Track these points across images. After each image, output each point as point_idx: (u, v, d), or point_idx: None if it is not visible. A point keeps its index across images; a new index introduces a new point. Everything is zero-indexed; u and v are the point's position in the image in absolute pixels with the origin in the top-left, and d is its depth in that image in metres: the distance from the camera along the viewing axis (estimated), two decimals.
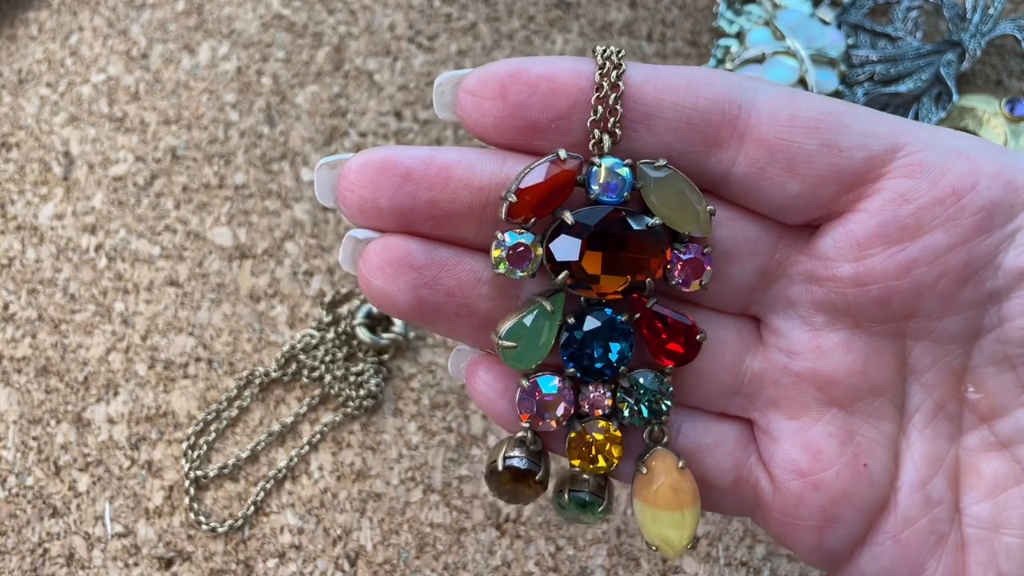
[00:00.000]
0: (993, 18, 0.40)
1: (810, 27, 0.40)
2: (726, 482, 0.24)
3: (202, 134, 0.40)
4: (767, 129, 0.22)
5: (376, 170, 0.22)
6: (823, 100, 0.22)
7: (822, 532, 0.24)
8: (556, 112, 0.22)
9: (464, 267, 0.23)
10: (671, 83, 0.22)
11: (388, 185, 0.22)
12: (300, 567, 0.33)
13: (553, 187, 0.22)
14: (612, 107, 0.22)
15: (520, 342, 0.23)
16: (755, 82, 0.22)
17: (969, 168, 0.22)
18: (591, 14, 0.43)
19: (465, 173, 0.22)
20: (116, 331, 0.37)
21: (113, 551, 0.33)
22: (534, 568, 0.34)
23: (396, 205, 0.22)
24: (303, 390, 0.36)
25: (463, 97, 0.22)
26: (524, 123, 0.22)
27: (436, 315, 0.23)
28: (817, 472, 0.23)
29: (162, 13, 0.42)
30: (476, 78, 0.22)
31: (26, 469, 0.34)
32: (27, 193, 0.39)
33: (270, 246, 0.38)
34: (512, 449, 0.24)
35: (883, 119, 0.23)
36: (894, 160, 0.22)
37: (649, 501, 0.24)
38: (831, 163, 0.22)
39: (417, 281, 0.22)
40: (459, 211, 0.22)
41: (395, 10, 0.43)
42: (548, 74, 0.22)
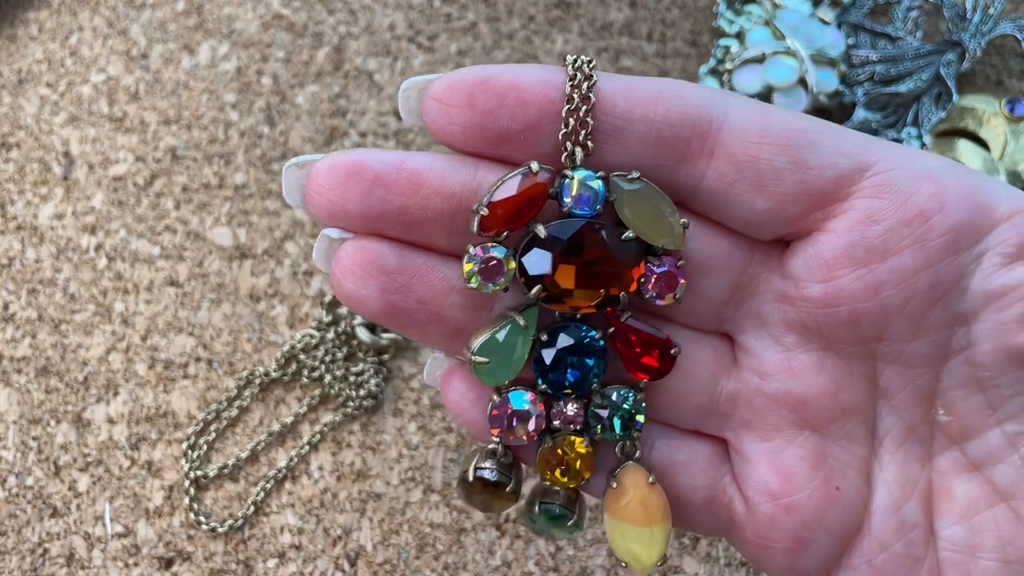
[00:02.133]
0: (993, 18, 0.40)
1: (810, 27, 0.40)
2: (699, 500, 0.24)
3: (202, 134, 0.40)
4: (736, 145, 0.22)
5: (345, 173, 0.22)
6: (794, 117, 0.22)
7: (795, 554, 0.23)
8: (525, 123, 0.21)
9: (437, 275, 0.22)
10: (642, 96, 0.22)
11: (357, 189, 0.22)
12: (300, 567, 0.33)
13: (525, 200, 0.21)
14: (583, 119, 0.21)
15: (493, 358, 0.22)
16: (726, 96, 0.22)
17: (936, 189, 0.22)
18: (591, 14, 0.43)
19: (436, 180, 0.22)
20: (116, 331, 0.37)
21: (113, 551, 0.33)
22: (534, 568, 0.34)
23: (365, 210, 0.22)
24: (303, 390, 0.36)
25: (429, 104, 0.22)
26: (493, 133, 0.21)
27: (407, 320, 0.23)
28: (789, 495, 0.23)
29: (162, 13, 0.42)
30: (443, 85, 0.21)
31: (26, 469, 0.34)
32: (27, 193, 0.39)
33: (270, 246, 0.38)
34: (483, 460, 0.23)
35: (853, 137, 0.22)
36: (862, 179, 0.22)
37: (619, 516, 0.23)
38: (799, 180, 0.22)
39: (388, 286, 0.22)
40: (430, 217, 0.22)
41: (395, 10, 0.43)
42: (517, 84, 0.21)
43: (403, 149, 0.40)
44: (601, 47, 0.42)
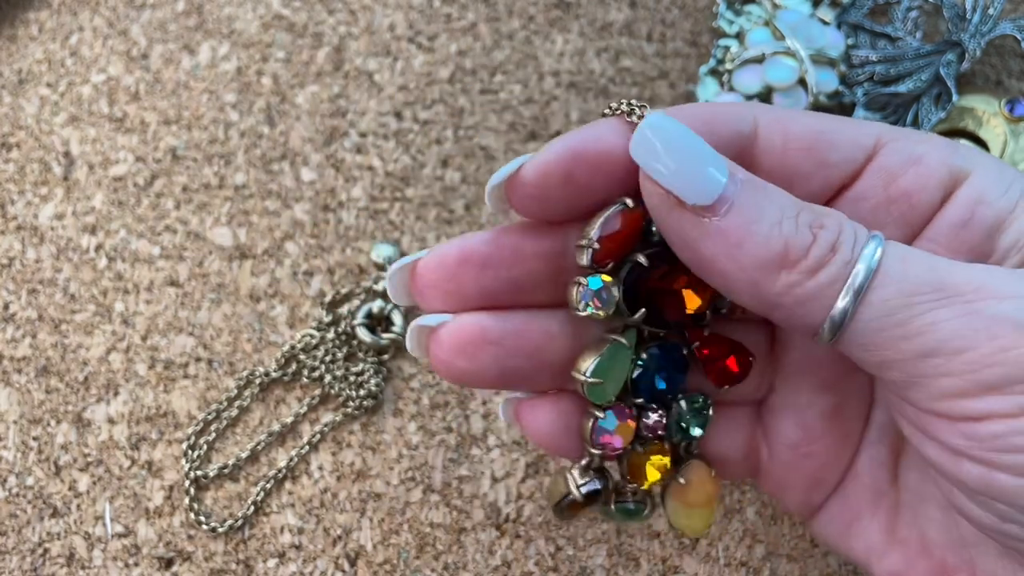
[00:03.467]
0: (993, 18, 0.40)
1: (810, 27, 0.40)
2: (739, 456, 0.28)
3: (202, 134, 0.40)
4: (766, 155, 0.24)
5: (456, 264, 0.24)
6: (812, 120, 0.24)
7: (809, 492, 0.27)
8: (616, 182, 0.23)
9: (536, 327, 0.25)
10: (690, 124, 0.23)
11: (470, 275, 0.24)
12: (300, 567, 0.33)
13: (628, 233, 0.24)
14: None
15: (605, 377, 0.24)
16: (751, 108, 0.24)
17: (921, 170, 0.24)
18: (591, 14, 0.43)
19: (534, 245, 0.24)
20: (116, 331, 0.37)
21: (113, 551, 0.33)
22: (534, 568, 0.34)
23: (482, 290, 0.24)
24: (303, 390, 0.36)
25: (527, 191, 0.23)
26: (591, 200, 0.23)
27: (522, 378, 0.25)
28: (807, 445, 0.27)
29: (162, 13, 0.42)
30: (537, 170, 0.23)
31: (26, 469, 0.34)
32: (27, 193, 0.39)
33: (270, 246, 0.38)
34: (583, 476, 0.26)
35: (866, 129, 0.24)
36: (868, 164, 0.24)
37: (684, 502, 0.27)
38: (823, 178, 0.24)
39: (499, 353, 0.24)
40: (536, 281, 0.24)
41: (395, 10, 0.43)
42: (604, 149, 0.23)
43: (403, 149, 0.40)
44: (601, 47, 0.42)
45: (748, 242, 0.21)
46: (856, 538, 0.27)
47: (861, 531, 0.27)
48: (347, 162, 0.40)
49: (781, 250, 0.21)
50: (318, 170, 0.40)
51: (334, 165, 0.40)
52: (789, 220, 0.22)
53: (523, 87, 0.41)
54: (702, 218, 0.22)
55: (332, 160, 0.40)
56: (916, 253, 0.22)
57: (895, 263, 0.21)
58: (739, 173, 0.22)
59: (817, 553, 0.34)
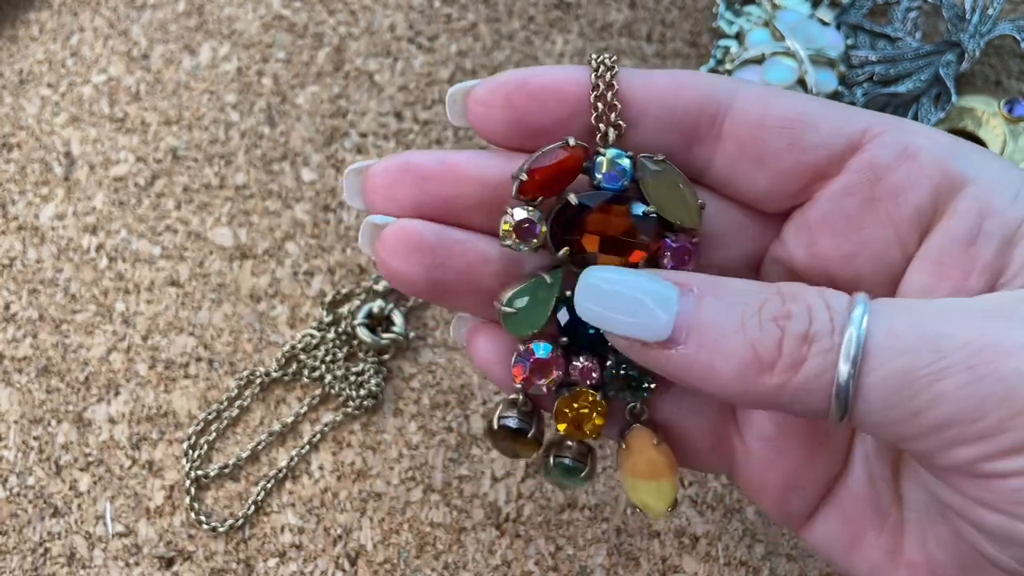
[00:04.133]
0: (992, 19, 0.40)
1: (809, 28, 0.40)
2: (705, 445, 0.27)
3: (203, 134, 0.40)
4: (740, 128, 0.24)
5: (398, 171, 0.24)
6: (798, 100, 0.24)
7: (785, 495, 0.26)
8: (557, 117, 0.24)
9: (472, 248, 0.25)
10: (658, 85, 0.24)
11: (408, 185, 0.24)
12: (300, 566, 0.33)
13: (561, 169, 0.24)
14: (611, 103, 0.24)
15: (520, 309, 0.24)
16: (737, 83, 0.24)
17: (911, 167, 0.23)
18: (591, 14, 0.43)
19: (475, 171, 0.24)
20: (117, 331, 0.37)
21: (114, 551, 0.33)
22: (534, 567, 0.34)
23: (416, 201, 0.24)
24: (303, 390, 0.36)
25: (473, 107, 0.24)
26: (530, 128, 0.24)
27: (447, 292, 0.25)
28: (781, 439, 0.26)
29: (163, 14, 0.43)
30: (484, 90, 0.24)
31: (27, 469, 0.35)
32: (28, 193, 0.39)
33: (270, 246, 0.38)
34: (506, 410, 0.26)
35: (854, 117, 0.24)
36: (852, 156, 0.23)
37: (629, 472, 0.26)
38: (796, 160, 0.24)
39: (429, 261, 0.24)
40: (470, 204, 0.25)
41: (395, 10, 0.43)
42: (549, 84, 0.24)
43: (403, 150, 0.40)
44: (601, 48, 0.42)
45: (719, 360, 0.21)
46: (859, 558, 0.26)
47: (865, 551, 0.25)
48: (347, 162, 0.40)
49: (752, 357, 0.21)
50: (318, 170, 0.40)
51: (334, 165, 0.40)
52: (751, 321, 0.21)
53: None
54: (669, 351, 0.22)
55: (332, 160, 0.40)
56: (906, 318, 0.20)
57: (883, 340, 0.20)
58: (693, 286, 0.22)
59: (817, 553, 0.34)
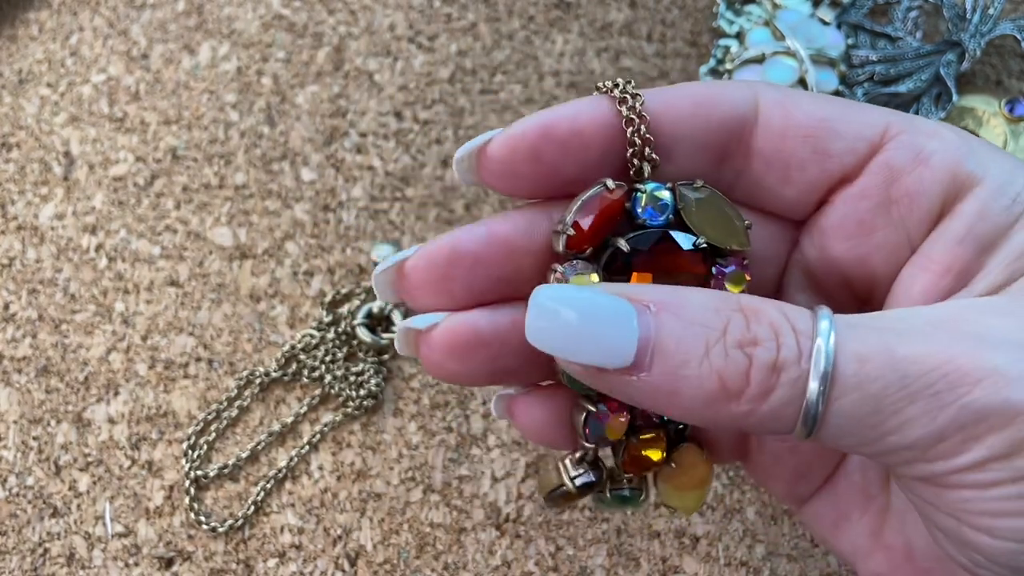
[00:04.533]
0: (993, 18, 0.40)
1: (810, 27, 0.40)
2: (731, 443, 0.27)
3: (202, 134, 0.40)
4: (764, 141, 0.23)
5: (446, 263, 0.23)
6: (816, 103, 0.23)
7: (794, 484, 0.27)
8: (589, 161, 0.23)
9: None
10: (683, 109, 0.23)
11: (462, 275, 0.23)
12: (300, 567, 0.33)
13: (606, 217, 0.23)
14: (645, 137, 0.22)
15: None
16: (754, 91, 0.23)
17: (924, 171, 0.23)
18: (591, 14, 0.43)
19: (525, 241, 0.23)
20: (116, 331, 0.37)
21: (113, 551, 0.33)
22: (534, 568, 0.34)
23: (472, 290, 0.23)
24: (303, 390, 0.36)
25: (492, 167, 0.23)
26: (560, 180, 0.23)
27: (514, 375, 0.24)
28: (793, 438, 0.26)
29: (162, 13, 0.43)
30: (502, 145, 0.22)
31: (26, 469, 0.34)
32: (27, 193, 0.39)
33: (270, 246, 0.38)
34: (576, 468, 0.25)
35: (874, 117, 0.23)
36: (872, 158, 0.23)
37: (676, 485, 0.26)
38: (822, 169, 0.23)
39: (491, 354, 0.23)
40: (527, 277, 0.23)
41: (395, 10, 0.43)
42: (575, 128, 0.22)
43: (403, 149, 0.40)
44: (601, 47, 0.42)
45: (684, 388, 0.20)
46: (843, 536, 0.26)
47: (848, 530, 0.26)
48: (347, 162, 0.40)
49: (717, 387, 0.20)
50: (318, 170, 0.40)
51: (334, 165, 0.40)
52: (716, 349, 0.20)
53: (523, 87, 0.41)
54: (631, 378, 0.20)
55: (332, 160, 0.40)
56: (872, 344, 0.20)
57: (851, 367, 0.20)
58: (649, 300, 0.21)
59: (817, 553, 0.34)
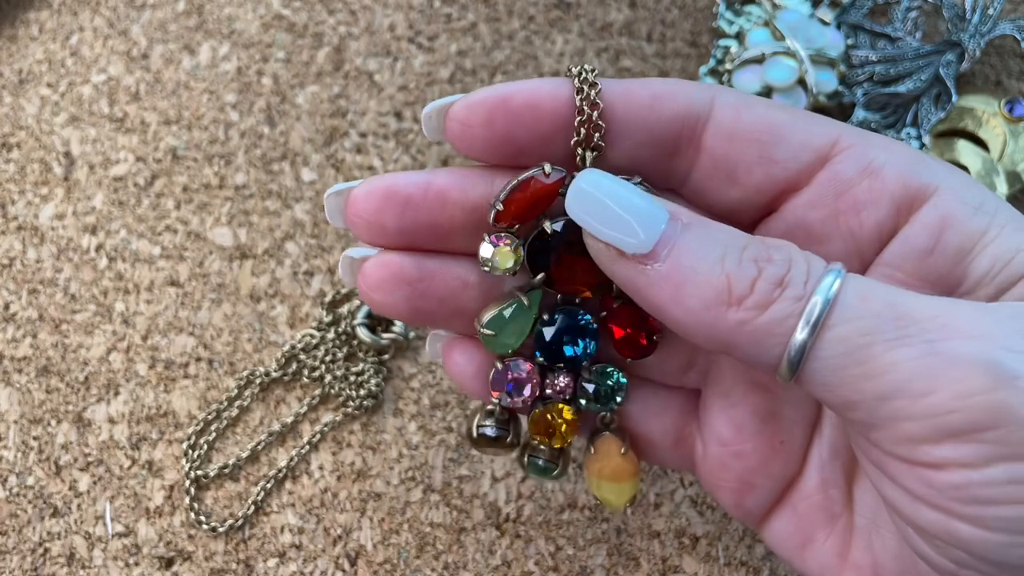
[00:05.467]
0: (992, 18, 0.40)
1: (810, 27, 0.40)
2: (668, 443, 0.28)
3: (202, 134, 0.40)
4: (713, 141, 0.24)
5: (380, 198, 0.24)
6: (769, 109, 0.24)
7: (741, 494, 0.27)
8: (539, 136, 0.24)
9: (452, 275, 0.25)
10: (639, 101, 0.24)
11: (392, 212, 0.24)
12: (300, 567, 0.33)
13: (536, 198, 0.24)
14: (595, 123, 0.24)
15: (499, 331, 0.26)
16: (714, 92, 0.24)
17: (874, 183, 0.23)
18: (591, 14, 0.43)
19: (459, 195, 0.25)
20: (117, 331, 0.37)
21: (114, 551, 0.33)
22: (534, 568, 0.34)
23: (401, 228, 0.25)
24: (303, 390, 0.36)
25: (452, 125, 0.24)
26: (511, 147, 0.24)
27: (432, 319, 0.26)
28: (739, 444, 0.26)
29: (162, 13, 0.43)
30: (463, 108, 0.24)
31: (27, 469, 0.34)
32: (28, 193, 0.39)
33: (270, 246, 0.38)
34: (484, 419, 0.27)
35: (824, 129, 0.24)
36: (821, 169, 0.24)
37: (595, 473, 0.28)
38: (767, 173, 0.24)
39: (412, 293, 0.25)
40: (455, 228, 0.25)
41: (395, 10, 0.43)
42: (531, 102, 0.23)
43: (403, 149, 0.40)
44: (601, 47, 0.42)
45: (691, 283, 0.21)
46: (810, 557, 0.26)
47: (815, 552, 0.26)
48: (347, 162, 0.40)
49: (723, 286, 0.21)
50: (318, 170, 0.40)
51: (334, 165, 0.40)
52: (732, 256, 0.21)
53: None
54: (644, 266, 0.22)
55: (332, 160, 0.40)
56: (877, 287, 0.21)
57: (852, 298, 0.20)
58: (682, 216, 0.22)
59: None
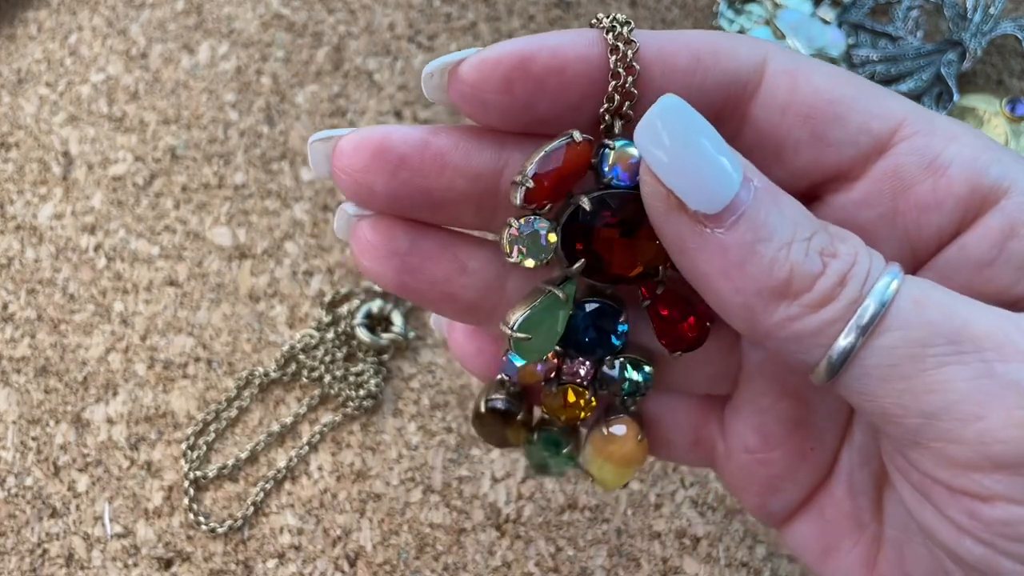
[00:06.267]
0: (994, 17, 0.40)
1: (811, 27, 0.40)
2: (685, 443, 0.26)
3: (201, 134, 0.40)
4: (762, 113, 0.21)
5: (371, 154, 0.21)
6: (830, 80, 0.21)
7: (765, 497, 0.25)
8: (566, 106, 0.20)
9: (447, 257, 0.22)
10: (679, 64, 0.20)
11: (382, 171, 0.21)
12: (300, 567, 0.33)
13: (569, 172, 0.20)
14: (628, 91, 0.20)
15: (534, 333, 0.22)
16: (763, 52, 0.21)
17: (938, 183, 0.20)
18: (591, 14, 0.43)
19: (461, 160, 0.21)
20: (115, 331, 0.37)
21: (112, 551, 0.33)
22: (534, 568, 0.34)
23: (391, 191, 0.21)
24: (303, 390, 0.36)
25: (460, 87, 0.20)
26: (532, 118, 0.20)
27: (419, 298, 0.23)
28: (764, 452, 0.24)
29: (161, 12, 0.42)
30: (475, 68, 0.20)
31: (25, 469, 0.34)
32: (26, 193, 0.39)
33: (269, 246, 0.38)
34: (493, 392, 0.24)
35: (887, 108, 0.21)
36: (878, 159, 0.21)
37: (602, 454, 0.25)
38: (815, 156, 0.21)
39: (400, 267, 0.22)
40: (455, 199, 0.21)
41: (395, 9, 0.43)
42: (556, 67, 0.20)
43: None
44: None
45: (750, 263, 0.19)
46: (833, 566, 0.25)
47: (839, 560, 0.25)
48: None
49: (785, 277, 0.19)
50: None
51: None
52: (800, 243, 0.19)
53: None
54: (704, 227, 0.19)
55: None
56: (935, 293, 0.19)
57: (908, 304, 0.19)
58: (755, 179, 0.19)
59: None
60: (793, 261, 0.19)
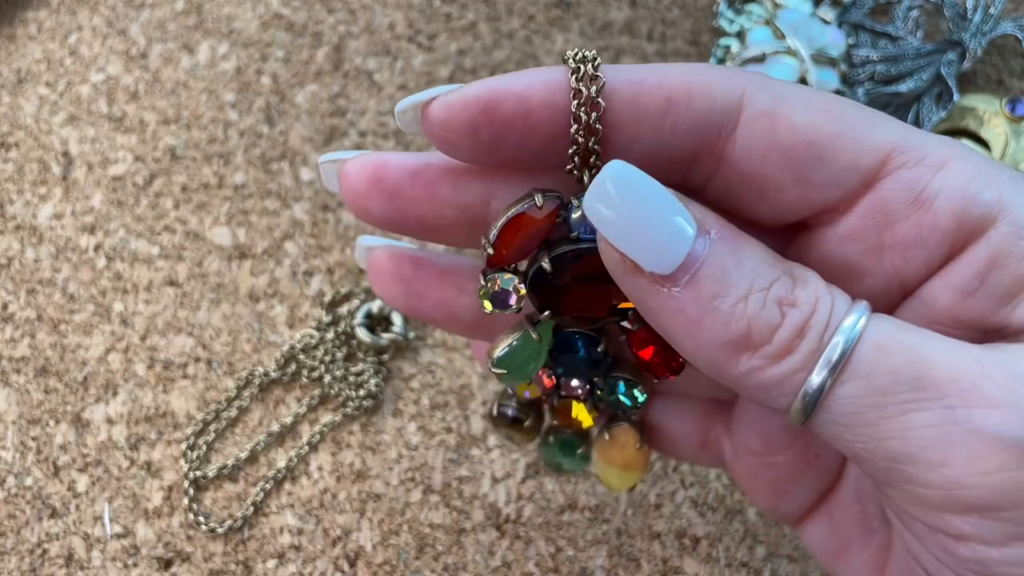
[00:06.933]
0: (994, 17, 0.40)
1: (811, 26, 0.40)
2: (692, 445, 0.27)
3: (201, 134, 0.40)
4: (742, 158, 0.20)
5: (368, 181, 0.22)
6: (811, 117, 0.20)
7: (775, 499, 0.26)
8: (534, 148, 0.21)
9: (448, 283, 0.25)
10: (650, 107, 0.20)
11: (379, 198, 0.22)
12: (300, 567, 0.33)
13: (529, 236, 0.21)
14: (592, 127, 0.20)
15: (511, 368, 0.24)
16: (742, 87, 0.20)
17: (926, 219, 0.20)
18: (591, 14, 0.43)
19: (450, 192, 0.22)
20: (115, 331, 0.36)
21: (112, 552, 0.33)
22: (534, 569, 0.34)
23: (387, 215, 0.23)
24: (302, 390, 0.36)
25: (429, 126, 0.21)
26: (501, 156, 0.21)
27: (426, 318, 0.26)
28: (768, 456, 0.25)
29: (161, 12, 0.42)
30: (442, 109, 0.20)
31: (25, 469, 0.34)
32: (26, 193, 0.39)
33: (269, 246, 0.38)
34: (506, 399, 0.27)
35: (874, 139, 0.20)
36: (866, 193, 0.20)
37: (605, 459, 0.27)
38: (802, 195, 0.21)
39: (408, 292, 0.25)
40: (446, 225, 0.23)
41: (395, 9, 0.43)
42: (523, 112, 0.20)
43: (403, 150, 0.40)
44: (601, 47, 0.42)
45: (709, 319, 0.19)
46: (843, 567, 0.25)
47: (849, 562, 0.25)
48: None
49: (743, 331, 0.19)
50: (317, 170, 0.39)
51: None
52: (757, 295, 0.19)
53: None
54: (660, 287, 0.19)
55: None
56: (900, 336, 0.19)
57: (870, 351, 0.18)
58: (712, 229, 0.19)
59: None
60: (750, 315, 0.19)
